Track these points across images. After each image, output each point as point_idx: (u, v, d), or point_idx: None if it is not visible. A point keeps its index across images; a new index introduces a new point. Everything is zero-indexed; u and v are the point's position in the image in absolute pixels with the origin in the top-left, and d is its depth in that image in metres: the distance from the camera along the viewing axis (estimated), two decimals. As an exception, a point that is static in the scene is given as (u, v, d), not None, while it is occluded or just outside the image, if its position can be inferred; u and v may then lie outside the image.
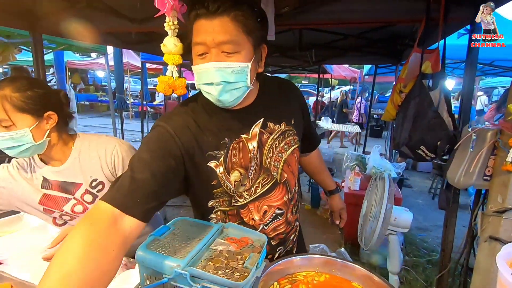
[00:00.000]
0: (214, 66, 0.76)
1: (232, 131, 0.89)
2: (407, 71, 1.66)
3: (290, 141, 0.99)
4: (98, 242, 0.62)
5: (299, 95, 1.08)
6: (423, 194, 5.01)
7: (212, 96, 0.81)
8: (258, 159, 0.92)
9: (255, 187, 0.94)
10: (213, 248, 0.81)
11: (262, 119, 0.92)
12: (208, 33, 0.75)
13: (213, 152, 0.87)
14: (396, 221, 1.90)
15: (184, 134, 0.84)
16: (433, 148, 1.49)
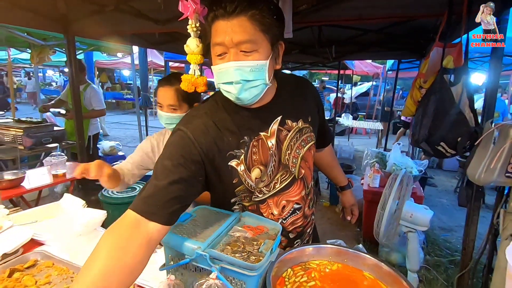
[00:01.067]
0: (233, 65, 0.79)
1: (252, 130, 0.91)
2: (427, 66, 1.63)
3: (307, 138, 1.02)
4: (121, 244, 0.69)
5: (315, 92, 1.11)
6: (448, 193, 4.82)
7: (232, 95, 0.83)
8: (277, 156, 0.94)
9: (274, 183, 0.96)
10: (231, 234, 0.87)
11: (280, 116, 0.95)
12: (226, 33, 0.77)
13: (233, 151, 0.89)
14: (412, 217, 1.88)
15: (204, 137, 0.85)
16: (454, 145, 1.46)
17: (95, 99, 3.51)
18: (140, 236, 0.72)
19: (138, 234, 0.72)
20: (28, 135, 3.19)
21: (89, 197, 2.80)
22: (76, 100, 2.85)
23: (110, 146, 4.43)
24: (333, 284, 0.85)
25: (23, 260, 1.07)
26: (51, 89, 15.46)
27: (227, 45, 0.78)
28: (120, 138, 8.08)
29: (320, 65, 6.13)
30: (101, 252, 0.68)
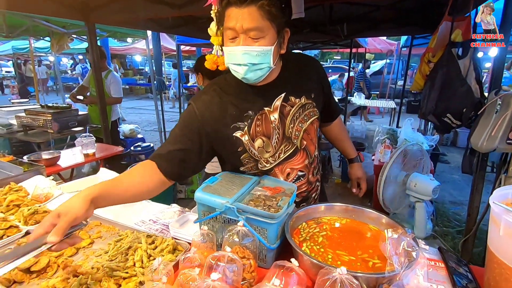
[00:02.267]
0: (242, 49, 0.90)
1: (256, 105, 1.04)
2: (436, 41, 1.68)
3: (310, 113, 1.12)
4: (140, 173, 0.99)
5: (320, 70, 1.17)
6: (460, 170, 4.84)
7: (239, 74, 0.96)
8: (281, 129, 1.07)
9: (279, 153, 1.09)
10: (253, 193, 1.01)
11: (284, 94, 1.06)
12: (238, 20, 0.88)
13: (237, 124, 1.03)
14: (416, 187, 1.99)
15: (208, 112, 1.02)
16: (459, 116, 1.54)
17: (114, 87, 3.66)
18: (152, 175, 0.99)
19: (151, 173, 0.99)
20: (56, 119, 3.42)
21: (116, 175, 3.03)
22: (99, 86, 3.02)
23: (130, 129, 4.66)
24: (341, 234, 1.00)
25: (76, 220, 1.26)
26: (67, 77, 15.86)
27: (237, 31, 0.89)
28: (136, 122, 8.35)
29: (332, 43, 6.06)
30: (127, 173, 1.00)
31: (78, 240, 0.80)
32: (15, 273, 0.90)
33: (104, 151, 2.76)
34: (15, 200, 1.30)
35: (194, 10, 2.33)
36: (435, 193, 2.17)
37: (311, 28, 3.85)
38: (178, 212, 1.34)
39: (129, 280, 0.88)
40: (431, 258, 0.96)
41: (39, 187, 1.41)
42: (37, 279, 0.92)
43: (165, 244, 1.01)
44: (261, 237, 0.90)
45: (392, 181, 2.38)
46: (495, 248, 0.73)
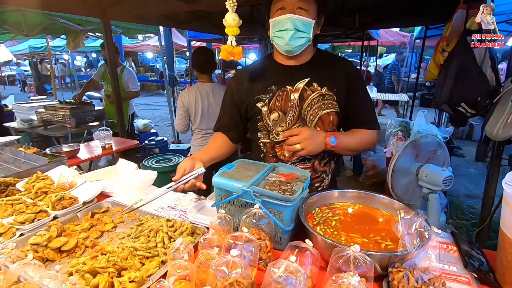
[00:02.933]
0: (290, 16, 1.05)
1: (280, 82, 1.17)
2: (450, 29, 1.66)
3: (328, 104, 1.19)
4: (219, 141, 1.34)
5: (350, 70, 1.21)
6: (476, 163, 4.73)
7: (282, 40, 1.08)
8: (298, 109, 1.17)
9: None
10: (268, 179, 1.05)
11: (308, 79, 1.16)
12: None
13: (260, 95, 1.19)
14: (427, 177, 1.98)
15: (240, 85, 1.25)
16: (474, 104, 1.53)
17: (132, 81, 3.75)
18: (224, 142, 1.34)
19: (224, 140, 1.34)
20: (73, 114, 3.54)
21: (131, 168, 3.13)
22: (115, 82, 3.10)
23: (144, 124, 4.77)
24: (354, 218, 1.02)
25: (99, 206, 1.33)
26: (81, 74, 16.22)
27: (287, 3, 1.05)
28: (149, 118, 8.50)
29: (343, 36, 5.99)
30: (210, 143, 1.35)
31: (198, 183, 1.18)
32: (47, 252, 0.97)
33: (121, 144, 2.85)
34: (43, 187, 1.38)
35: (208, 4, 2.37)
36: (447, 183, 2.15)
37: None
38: (195, 199, 1.39)
39: (152, 259, 0.93)
40: (444, 242, 0.97)
41: (64, 175, 1.48)
42: (67, 258, 0.99)
43: (184, 227, 1.06)
44: (277, 219, 0.94)
45: (404, 172, 2.37)
46: (508, 229, 0.74)
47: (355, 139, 1.24)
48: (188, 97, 2.44)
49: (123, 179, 1.60)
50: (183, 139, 6.31)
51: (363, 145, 1.28)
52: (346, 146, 1.20)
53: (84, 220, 1.22)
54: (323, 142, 1.12)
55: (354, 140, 1.24)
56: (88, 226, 1.16)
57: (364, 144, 1.26)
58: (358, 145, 1.25)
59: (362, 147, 1.29)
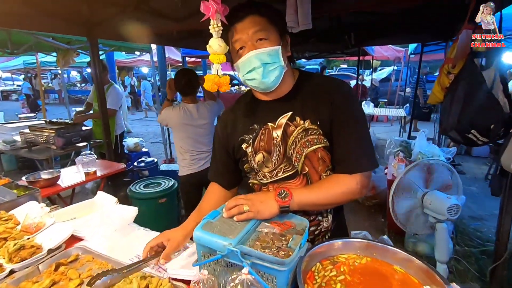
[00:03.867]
0: (253, 53, 0.94)
1: (261, 119, 1.06)
2: (456, 50, 1.55)
3: (314, 140, 1.01)
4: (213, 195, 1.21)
5: (336, 98, 0.99)
6: (478, 181, 4.61)
7: (256, 81, 0.97)
8: (282, 147, 1.04)
9: (277, 171, 1.06)
10: (259, 230, 0.89)
11: (291, 112, 1.02)
12: (242, 30, 0.94)
13: (243, 136, 1.09)
14: (431, 204, 1.84)
15: (225, 129, 1.14)
16: (486, 132, 1.40)
17: (111, 98, 3.59)
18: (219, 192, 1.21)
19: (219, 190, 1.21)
20: (59, 135, 3.37)
21: (118, 193, 2.94)
22: (101, 100, 2.96)
23: (135, 143, 4.60)
24: (362, 278, 0.86)
25: (66, 254, 1.15)
26: (76, 89, 16.12)
27: (244, 40, 0.95)
28: (142, 134, 8.35)
29: (338, 52, 5.96)
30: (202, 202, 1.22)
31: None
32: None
33: (106, 169, 2.68)
34: (2, 232, 1.20)
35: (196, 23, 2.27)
36: (452, 213, 2.00)
37: (318, 37, 3.75)
38: (178, 244, 1.22)
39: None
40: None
41: (30, 216, 1.31)
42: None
43: (161, 289, 0.89)
44: (269, 285, 0.78)
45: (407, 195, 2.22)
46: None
47: (319, 190, 0.98)
48: (170, 113, 2.45)
49: (99, 218, 1.42)
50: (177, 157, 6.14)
51: (336, 197, 0.98)
52: (307, 201, 0.95)
53: (45, 274, 1.04)
54: (272, 199, 0.93)
55: (318, 192, 0.97)
56: (48, 283, 0.98)
57: (336, 195, 0.98)
58: (327, 197, 0.97)
59: (334, 199, 0.99)
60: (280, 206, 0.93)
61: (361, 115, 1.02)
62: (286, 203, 0.93)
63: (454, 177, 2.14)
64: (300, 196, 0.95)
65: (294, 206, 0.94)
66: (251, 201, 0.93)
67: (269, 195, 0.95)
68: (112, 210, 1.49)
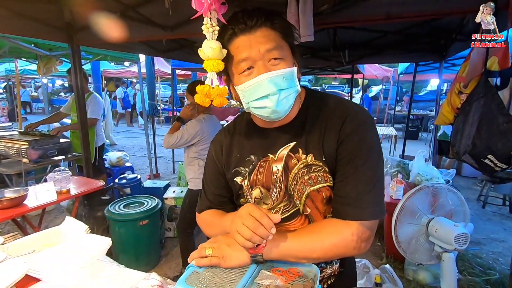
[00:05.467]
0: (266, 77, 0.74)
1: (260, 150, 0.89)
2: (467, 69, 1.45)
3: (317, 177, 0.83)
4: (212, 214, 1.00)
5: (344, 129, 0.80)
6: (470, 202, 4.55)
7: (267, 110, 0.78)
8: (283, 183, 0.86)
9: (275, 211, 0.89)
10: (259, 283, 0.70)
11: (294, 143, 0.85)
12: (252, 46, 0.74)
13: (238, 168, 0.92)
14: (437, 232, 1.70)
15: (220, 154, 0.97)
16: (506, 158, 1.27)
17: (91, 107, 3.41)
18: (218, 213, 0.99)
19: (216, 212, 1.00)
20: (33, 147, 3.10)
21: (95, 213, 2.67)
22: (81, 111, 2.74)
23: (117, 157, 4.32)
24: None
25: (14, 303, 0.92)
26: (61, 99, 15.66)
27: (254, 58, 0.75)
28: (127, 147, 8.04)
29: (329, 69, 5.96)
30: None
31: None
32: None
33: (82, 186, 2.42)
34: None
35: (188, 32, 2.12)
36: (460, 242, 1.86)
37: (312, 53, 3.69)
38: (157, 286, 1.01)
39: None
40: None
41: (-26, 251, 1.07)
42: None
43: None
44: None
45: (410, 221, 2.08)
46: None
47: (305, 238, 0.77)
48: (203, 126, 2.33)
49: (63, 251, 1.19)
50: (162, 171, 5.86)
51: (323, 249, 0.77)
52: (286, 252, 0.76)
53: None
54: None
55: (302, 240, 0.77)
56: None
57: (324, 247, 0.76)
58: (313, 248, 0.77)
59: (321, 252, 0.77)
60: (251, 254, 0.74)
61: (374, 152, 0.80)
62: (259, 251, 0.74)
63: (461, 203, 2.01)
64: (279, 243, 0.76)
65: (270, 255, 0.75)
66: (217, 243, 0.78)
67: None
68: (81, 241, 1.27)
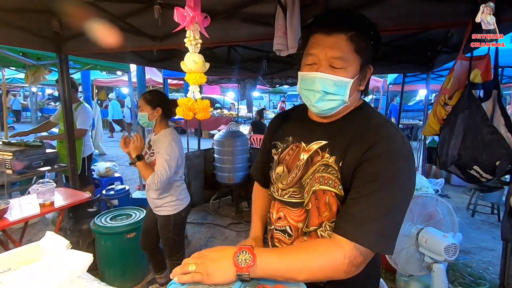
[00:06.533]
0: (319, 76, 0.83)
1: (298, 135, 0.98)
2: (452, 81, 1.48)
3: (329, 179, 0.85)
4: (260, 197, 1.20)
5: (373, 149, 0.78)
6: (460, 210, 4.60)
7: (309, 100, 0.87)
8: (301, 172, 0.93)
9: (285, 193, 0.96)
10: (244, 302, 0.68)
11: (326, 142, 0.90)
12: (322, 47, 0.82)
13: (277, 142, 1.03)
14: (427, 243, 1.69)
15: (270, 131, 1.11)
16: (490, 168, 1.29)
17: (80, 117, 3.37)
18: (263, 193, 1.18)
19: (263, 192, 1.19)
20: (18, 158, 3.01)
21: (80, 226, 2.59)
22: (68, 121, 2.69)
23: (106, 167, 4.23)
24: None
25: (-16, 327, 0.87)
26: (50, 108, 15.41)
27: (320, 58, 0.83)
28: (118, 156, 7.92)
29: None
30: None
31: None
32: None
33: (68, 199, 2.35)
34: None
35: (177, 42, 2.12)
36: (449, 253, 1.86)
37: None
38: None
39: None
40: None
41: None
42: None
43: None
44: None
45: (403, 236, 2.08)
46: None
47: (294, 257, 0.75)
48: (180, 142, 2.07)
49: (41, 269, 1.14)
50: (153, 181, 5.77)
51: (312, 270, 0.74)
52: (274, 272, 0.74)
53: None
54: (229, 259, 0.73)
55: (292, 259, 0.74)
56: None
57: (311, 268, 0.74)
58: (302, 268, 0.74)
59: (310, 273, 0.74)
60: (237, 273, 0.72)
61: (398, 185, 0.76)
62: (246, 270, 0.71)
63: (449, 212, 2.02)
64: (267, 262, 0.73)
65: (258, 273, 0.73)
66: (201, 259, 0.75)
67: (227, 253, 0.75)
68: (61, 257, 1.21)
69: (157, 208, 2.12)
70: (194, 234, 3.70)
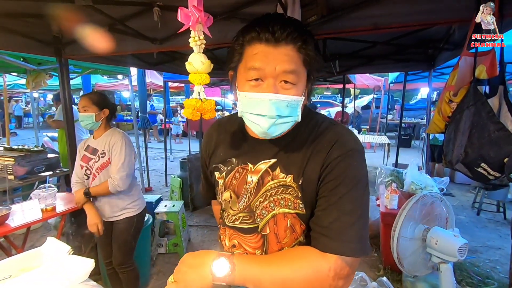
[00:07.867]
0: (271, 98, 0.70)
1: (242, 156, 0.87)
2: (456, 78, 1.46)
3: (289, 202, 0.79)
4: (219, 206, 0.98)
5: (332, 157, 0.75)
6: (465, 209, 4.56)
7: (258, 127, 0.74)
8: (253, 196, 0.83)
9: (235, 219, 0.88)
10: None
11: (275, 160, 0.81)
12: (270, 60, 0.70)
13: (219, 165, 0.91)
14: (438, 244, 1.66)
15: (208, 146, 0.96)
16: (498, 166, 1.26)
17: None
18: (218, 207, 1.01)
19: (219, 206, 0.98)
20: (19, 164, 3.01)
21: (82, 231, 2.57)
22: (69, 125, 2.68)
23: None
24: None
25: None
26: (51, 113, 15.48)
27: (267, 73, 0.71)
28: (119, 160, 7.89)
29: (321, 79, 6.02)
30: None
31: None
32: None
33: (70, 203, 2.34)
34: None
35: (177, 45, 2.11)
36: (462, 253, 1.84)
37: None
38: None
39: None
40: None
41: None
42: None
43: None
44: None
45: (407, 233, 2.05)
46: None
47: (276, 267, 0.71)
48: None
49: (42, 276, 1.12)
50: (155, 185, 5.76)
51: (295, 282, 0.69)
52: (254, 281, 0.70)
53: None
54: (208, 266, 0.70)
55: (274, 268, 0.71)
56: None
57: (294, 280, 0.69)
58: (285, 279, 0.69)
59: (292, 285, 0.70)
60: (213, 282, 0.68)
61: (360, 182, 0.75)
62: (223, 280, 0.68)
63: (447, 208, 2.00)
64: (248, 271, 0.69)
65: (237, 282, 0.69)
66: (181, 265, 0.73)
67: (207, 259, 0.71)
68: (62, 263, 1.19)
69: (120, 212, 2.01)
70: (197, 237, 3.68)
